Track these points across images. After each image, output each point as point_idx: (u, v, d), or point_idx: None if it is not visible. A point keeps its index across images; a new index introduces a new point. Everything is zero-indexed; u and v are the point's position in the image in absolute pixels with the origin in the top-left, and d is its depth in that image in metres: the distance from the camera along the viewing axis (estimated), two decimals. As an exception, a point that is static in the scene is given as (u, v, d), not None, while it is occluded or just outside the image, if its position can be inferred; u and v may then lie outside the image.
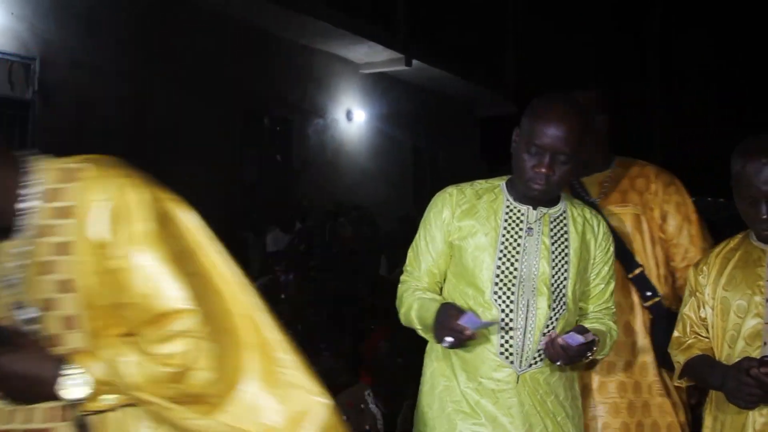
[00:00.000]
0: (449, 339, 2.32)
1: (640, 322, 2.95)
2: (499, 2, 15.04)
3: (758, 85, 15.58)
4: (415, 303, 2.54)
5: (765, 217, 2.35)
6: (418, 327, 2.53)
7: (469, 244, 2.49)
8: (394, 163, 13.49)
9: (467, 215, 2.52)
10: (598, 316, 2.61)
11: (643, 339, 2.94)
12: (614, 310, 2.65)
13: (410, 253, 2.63)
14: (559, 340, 2.34)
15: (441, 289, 2.62)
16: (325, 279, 7.51)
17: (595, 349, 2.41)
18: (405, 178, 13.82)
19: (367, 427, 4.33)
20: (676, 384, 2.64)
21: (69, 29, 8.48)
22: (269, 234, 9.96)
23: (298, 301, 6.22)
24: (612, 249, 2.61)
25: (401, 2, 12.35)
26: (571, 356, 2.36)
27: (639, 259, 2.95)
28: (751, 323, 2.39)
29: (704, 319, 2.53)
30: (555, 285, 2.47)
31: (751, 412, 2.34)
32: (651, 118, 17.85)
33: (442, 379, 2.55)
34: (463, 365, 2.50)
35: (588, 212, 2.61)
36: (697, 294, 2.55)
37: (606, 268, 2.60)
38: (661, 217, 2.98)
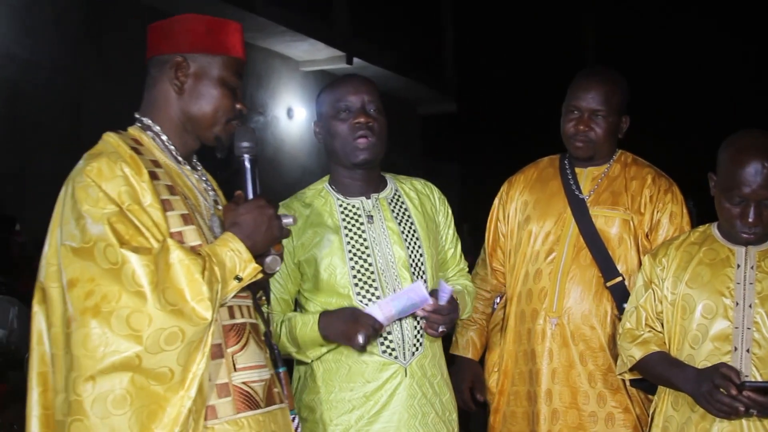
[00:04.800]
0: (361, 336, 2.21)
1: (609, 334, 2.75)
2: (438, 1, 15.10)
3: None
4: (281, 327, 2.39)
5: (752, 220, 2.24)
6: (292, 350, 2.37)
7: (317, 255, 2.37)
8: (335, 161, 13.45)
9: (303, 228, 2.41)
10: (455, 280, 2.58)
11: (609, 353, 2.74)
12: (467, 269, 2.64)
13: None
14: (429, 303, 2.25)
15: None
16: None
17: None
18: (346, 176, 13.80)
19: None
20: (619, 375, 2.55)
21: (3, 21, 8.28)
22: (208, 232, 9.82)
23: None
24: (450, 210, 2.58)
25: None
26: (448, 315, 2.29)
27: (622, 267, 2.77)
28: (720, 326, 2.29)
29: (660, 313, 2.42)
30: (414, 266, 2.39)
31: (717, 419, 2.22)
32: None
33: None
34: (340, 382, 2.36)
35: (417, 183, 2.56)
36: (654, 286, 2.43)
37: (450, 231, 2.57)
38: (650, 224, 2.79)
